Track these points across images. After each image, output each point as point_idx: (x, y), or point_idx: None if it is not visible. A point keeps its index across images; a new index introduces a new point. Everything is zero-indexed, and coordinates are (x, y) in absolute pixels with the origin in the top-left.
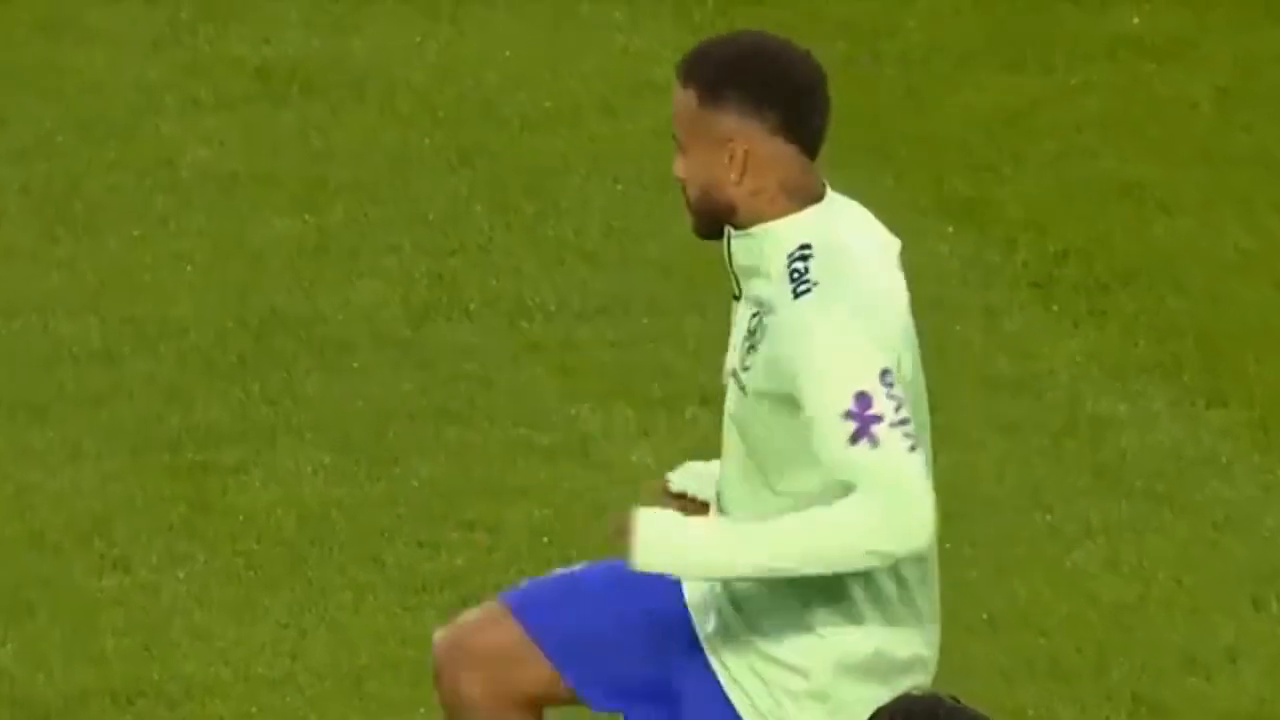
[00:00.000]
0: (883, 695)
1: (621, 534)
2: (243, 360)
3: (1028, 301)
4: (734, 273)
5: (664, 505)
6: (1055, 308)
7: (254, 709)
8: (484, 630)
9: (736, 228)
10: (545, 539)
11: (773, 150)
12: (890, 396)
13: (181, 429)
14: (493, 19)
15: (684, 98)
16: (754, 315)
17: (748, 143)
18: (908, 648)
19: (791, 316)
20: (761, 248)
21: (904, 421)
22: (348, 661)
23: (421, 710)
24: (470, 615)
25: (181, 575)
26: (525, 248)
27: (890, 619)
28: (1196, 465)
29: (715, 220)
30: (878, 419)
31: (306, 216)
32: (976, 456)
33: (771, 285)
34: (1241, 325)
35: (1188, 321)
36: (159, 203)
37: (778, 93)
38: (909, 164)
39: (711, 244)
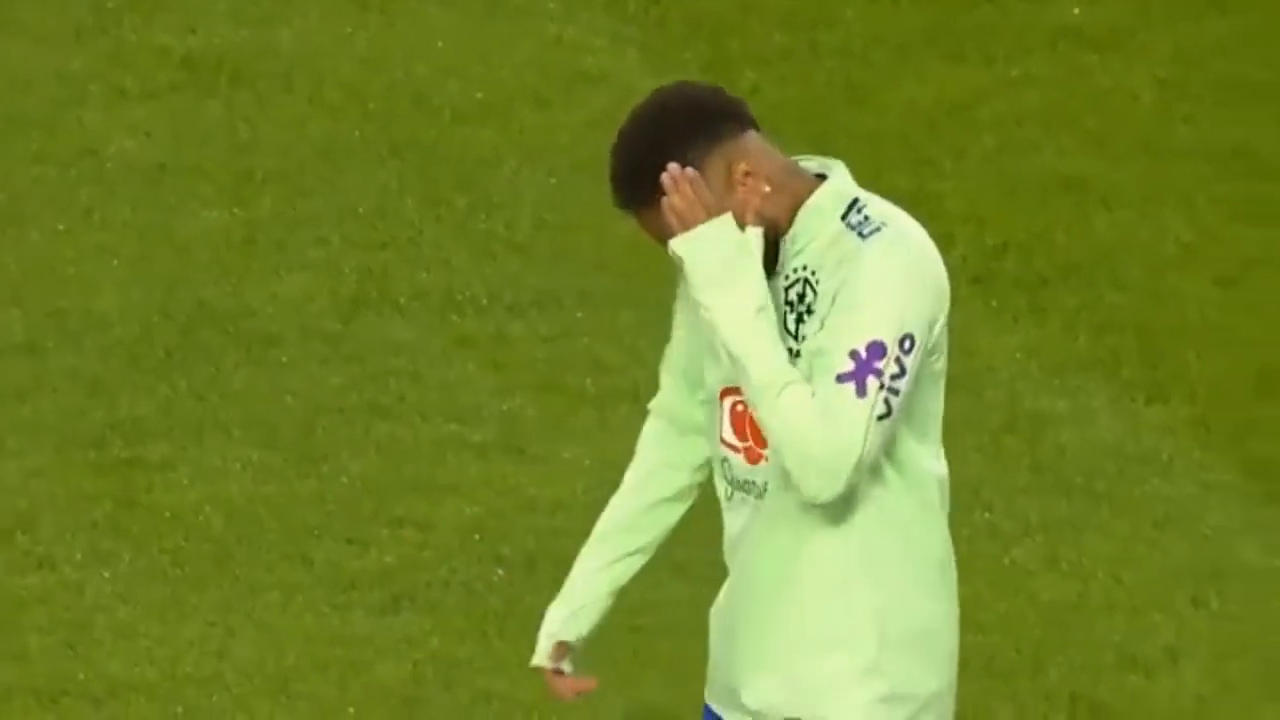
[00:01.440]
0: (931, 662)
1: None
2: (169, 354)
3: (967, 297)
4: (778, 263)
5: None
6: (994, 303)
7: (180, 708)
8: None
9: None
10: (477, 536)
11: (754, 144)
12: (898, 362)
13: (106, 424)
14: (423, 9)
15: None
16: (794, 284)
17: (738, 158)
18: (949, 598)
19: (862, 254)
20: (810, 221)
21: (894, 391)
22: (275, 661)
23: (351, 710)
24: None
25: (106, 573)
26: (456, 241)
27: (933, 594)
28: (1136, 462)
29: (775, 246)
30: (877, 373)
31: (234, 209)
32: None
33: (827, 247)
34: (1182, 320)
35: (1128, 317)
36: (83, 195)
37: (705, 111)
38: (848, 157)
39: (643, 237)
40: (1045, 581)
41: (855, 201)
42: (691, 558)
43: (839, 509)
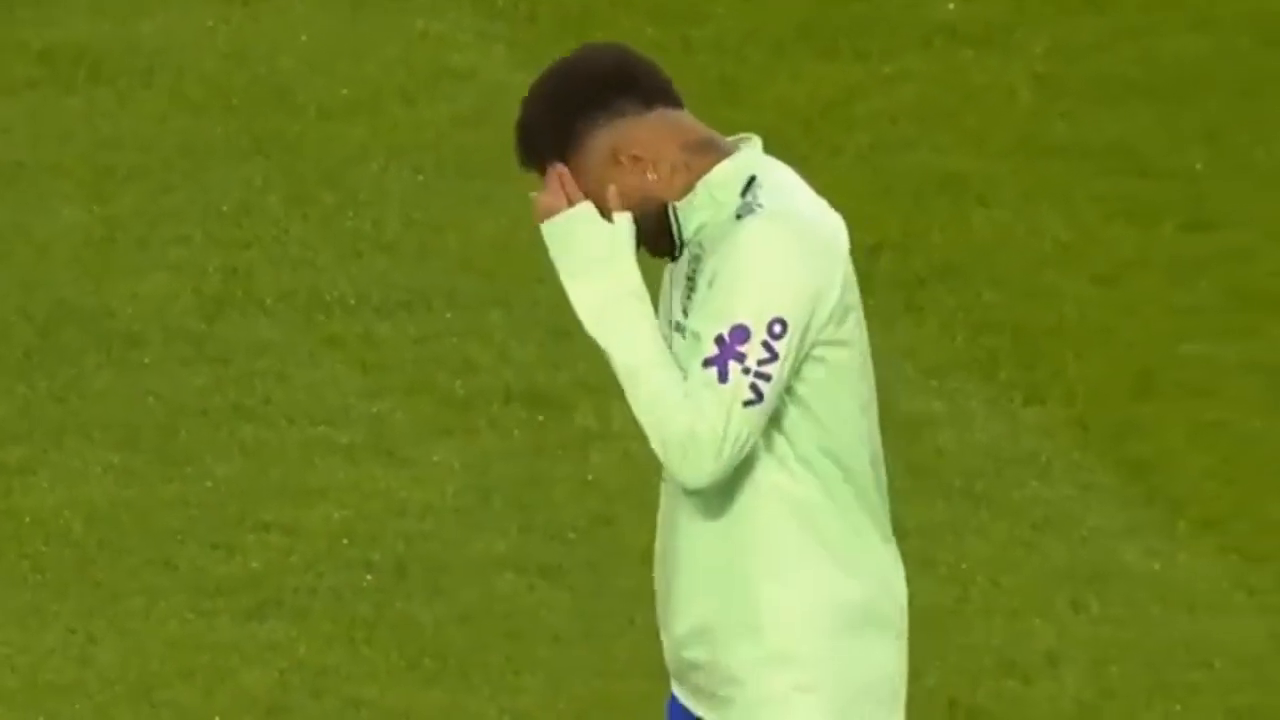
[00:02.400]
0: (855, 650)
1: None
2: (28, 355)
3: None
4: (679, 239)
5: None
6: (870, 303)
7: (41, 717)
8: None
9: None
10: (345, 540)
11: (651, 126)
12: (766, 346)
13: None
14: (287, 3)
15: (549, 172)
16: (691, 260)
17: (627, 141)
18: (865, 587)
19: (733, 234)
20: (711, 195)
21: (763, 376)
22: (139, 668)
23: (216, 719)
24: None
25: None
26: (322, 239)
27: (838, 558)
28: (1014, 464)
29: (667, 228)
30: (740, 358)
31: (94, 206)
32: None
33: (721, 225)
34: (1060, 320)
35: (1005, 316)
36: None
37: (606, 83)
38: None
39: (512, 236)
40: (923, 586)
41: (752, 180)
42: (566, 562)
43: (745, 499)
